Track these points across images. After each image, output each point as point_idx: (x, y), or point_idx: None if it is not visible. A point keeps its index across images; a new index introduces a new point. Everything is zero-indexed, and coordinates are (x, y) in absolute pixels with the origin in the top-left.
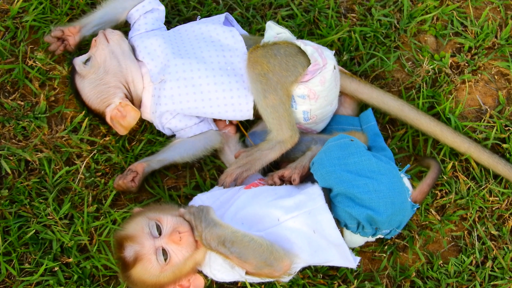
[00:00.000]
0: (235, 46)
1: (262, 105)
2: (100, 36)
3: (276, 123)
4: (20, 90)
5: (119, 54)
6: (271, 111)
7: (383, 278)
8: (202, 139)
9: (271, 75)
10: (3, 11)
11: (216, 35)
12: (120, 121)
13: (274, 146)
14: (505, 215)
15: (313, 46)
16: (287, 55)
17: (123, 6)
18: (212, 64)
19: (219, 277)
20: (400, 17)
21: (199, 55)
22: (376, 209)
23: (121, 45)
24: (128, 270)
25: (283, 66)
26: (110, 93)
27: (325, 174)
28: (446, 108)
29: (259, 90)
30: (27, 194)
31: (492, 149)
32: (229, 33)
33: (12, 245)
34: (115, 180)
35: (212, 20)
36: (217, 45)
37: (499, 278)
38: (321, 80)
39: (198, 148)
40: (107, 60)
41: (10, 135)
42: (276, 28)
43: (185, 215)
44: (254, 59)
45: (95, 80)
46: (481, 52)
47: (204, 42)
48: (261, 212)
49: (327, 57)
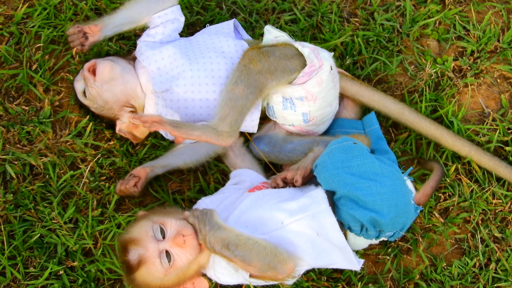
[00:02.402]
0: None
1: (228, 89)
2: (86, 74)
3: (224, 111)
4: (24, 95)
5: (113, 80)
6: (229, 98)
7: (387, 281)
8: (205, 144)
9: (254, 71)
10: (8, 17)
11: (228, 49)
12: (133, 131)
13: (206, 130)
14: (508, 217)
15: (309, 48)
16: (280, 58)
17: (148, 10)
18: (221, 78)
19: (223, 280)
20: (402, 22)
21: (209, 68)
22: (380, 211)
23: (114, 71)
24: (132, 273)
25: (271, 69)
26: (115, 112)
27: (329, 177)
28: (449, 112)
29: (234, 76)
30: (32, 199)
31: (495, 152)
32: (240, 48)
33: (17, 249)
34: (117, 186)
35: (223, 29)
36: (228, 60)
37: (502, 280)
38: (318, 81)
39: (201, 153)
40: (101, 94)
41: (14, 139)
42: (274, 32)
43: (189, 219)
44: (248, 54)
45: (98, 108)
46: (483, 55)
47: (216, 57)
48: (265, 215)
49: (323, 58)
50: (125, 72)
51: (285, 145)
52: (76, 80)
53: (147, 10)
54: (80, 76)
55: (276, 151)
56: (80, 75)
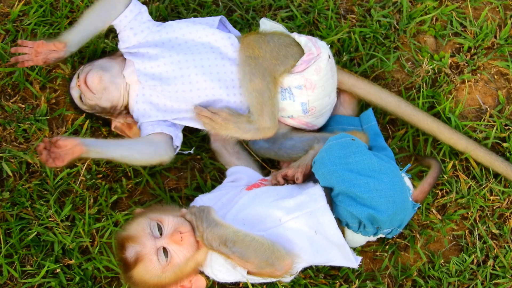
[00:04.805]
0: (234, 55)
1: (248, 88)
2: (82, 87)
3: (259, 108)
4: (21, 93)
5: (105, 89)
6: (256, 95)
7: (385, 278)
8: (153, 146)
9: (261, 61)
10: (4, 14)
11: (215, 42)
12: (127, 131)
13: (250, 130)
14: (506, 214)
15: (306, 37)
16: (280, 44)
17: (105, 17)
18: (211, 75)
19: (221, 278)
20: (399, 18)
21: (199, 64)
22: (378, 208)
23: (103, 82)
24: (129, 270)
25: (274, 54)
26: (114, 116)
27: (326, 173)
28: (446, 108)
29: (246, 73)
30: (29, 197)
31: (492, 148)
32: (227, 41)
33: (13, 247)
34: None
35: (207, 22)
36: (216, 52)
37: (500, 277)
38: (317, 69)
39: (143, 153)
40: (97, 103)
41: (11, 137)
42: (269, 23)
43: (186, 216)
44: (247, 42)
45: (96, 112)
46: (480, 52)
47: (204, 50)
48: (263, 213)
49: (321, 47)
50: (114, 77)
51: (285, 142)
52: (71, 87)
53: (104, 18)
54: (74, 82)
55: (276, 147)
56: (74, 81)
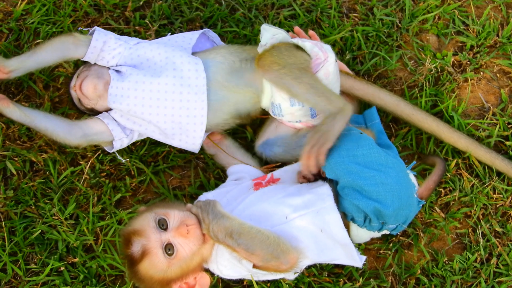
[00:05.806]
0: (196, 82)
1: (302, 91)
2: (79, 94)
3: (323, 99)
4: (24, 92)
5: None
6: (313, 91)
7: (388, 276)
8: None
9: (289, 65)
10: (7, 13)
11: (180, 64)
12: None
13: (335, 117)
14: (509, 212)
15: (311, 42)
16: (289, 52)
17: (66, 55)
18: (166, 93)
19: (226, 274)
20: (402, 17)
21: (162, 89)
22: (383, 202)
23: (97, 89)
24: (135, 265)
25: (293, 58)
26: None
27: (333, 164)
28: (449, 106)
29: (290, 82)
30: (33, 195)
31: (495, 147)
32: (193, 66)
33: (18, 245)
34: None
35: (183, 42)
36: (177, 76)
37: (504, 275)
38: (325, 73)
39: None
40: (95, 107)
41: (15, 136)
42: (271, 29)
43: (192, 209)
44: (265, 62)
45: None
46: (483, 50)
47: (167, 70)
48: (270, 210)
49: (327, 51)
50: (108, 85)
51: (299, 140)
52: (71, 87)
53: (61, 56)
54: (74, 82)
55: (292, 148)
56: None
